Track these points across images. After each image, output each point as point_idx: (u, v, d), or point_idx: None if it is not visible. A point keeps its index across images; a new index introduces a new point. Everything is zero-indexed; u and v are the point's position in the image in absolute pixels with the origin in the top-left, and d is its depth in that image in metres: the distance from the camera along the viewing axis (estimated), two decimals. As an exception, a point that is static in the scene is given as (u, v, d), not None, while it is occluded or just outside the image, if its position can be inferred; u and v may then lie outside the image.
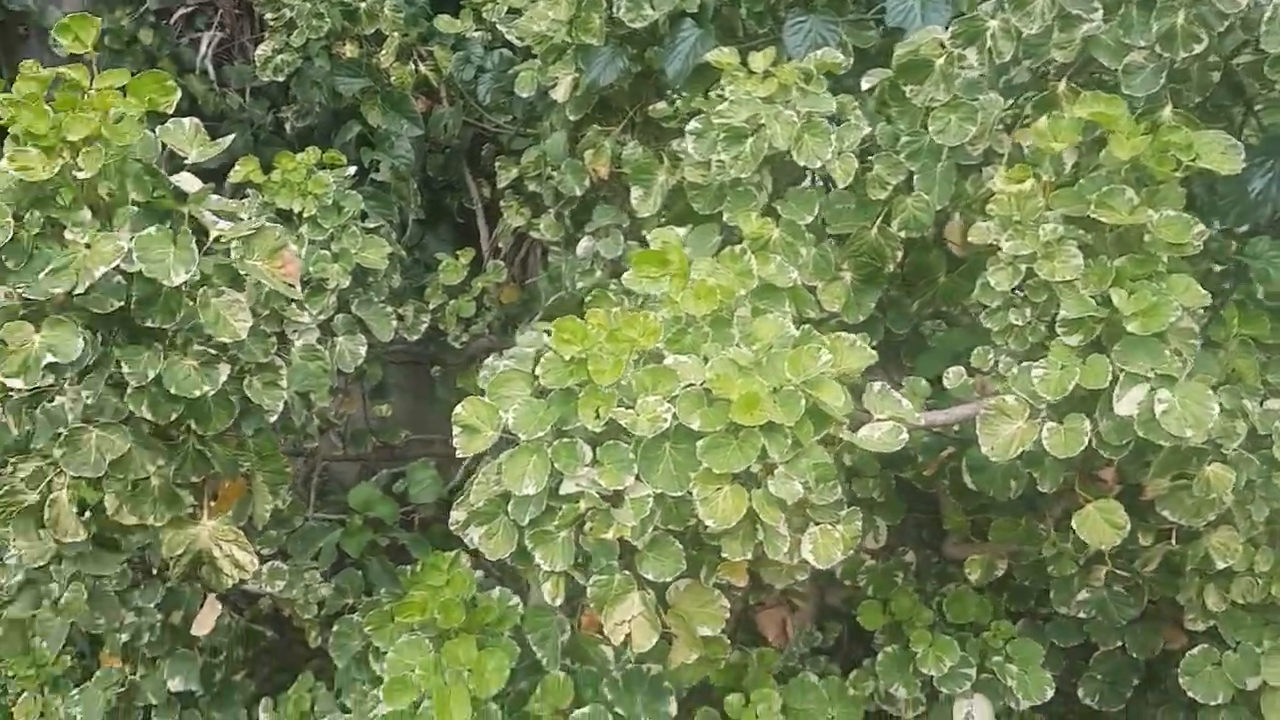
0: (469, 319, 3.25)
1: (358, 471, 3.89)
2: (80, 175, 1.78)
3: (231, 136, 2.06)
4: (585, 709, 2.01)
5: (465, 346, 3.55)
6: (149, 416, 1.91)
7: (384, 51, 3.38)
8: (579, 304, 3.09)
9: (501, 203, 3.25)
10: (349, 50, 3.44)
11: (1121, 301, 1.80)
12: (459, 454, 1.80)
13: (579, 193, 2.75)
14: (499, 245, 3.44)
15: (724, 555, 1.76)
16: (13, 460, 2.09)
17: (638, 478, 1.69)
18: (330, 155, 2.83)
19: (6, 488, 2.01)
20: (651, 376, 1.71)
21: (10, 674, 3.21)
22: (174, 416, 1.94)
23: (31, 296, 1.78)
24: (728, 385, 1.70)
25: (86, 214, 1.84)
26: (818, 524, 1.79)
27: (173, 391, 1.88)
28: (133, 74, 1.93)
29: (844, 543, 1.79)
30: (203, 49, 3.91)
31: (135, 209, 1.87)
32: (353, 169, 2.91)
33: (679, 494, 1.70)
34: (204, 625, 2.50)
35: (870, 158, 2.14)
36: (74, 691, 2.84)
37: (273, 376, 2.09)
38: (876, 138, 2.19)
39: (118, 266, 1.79)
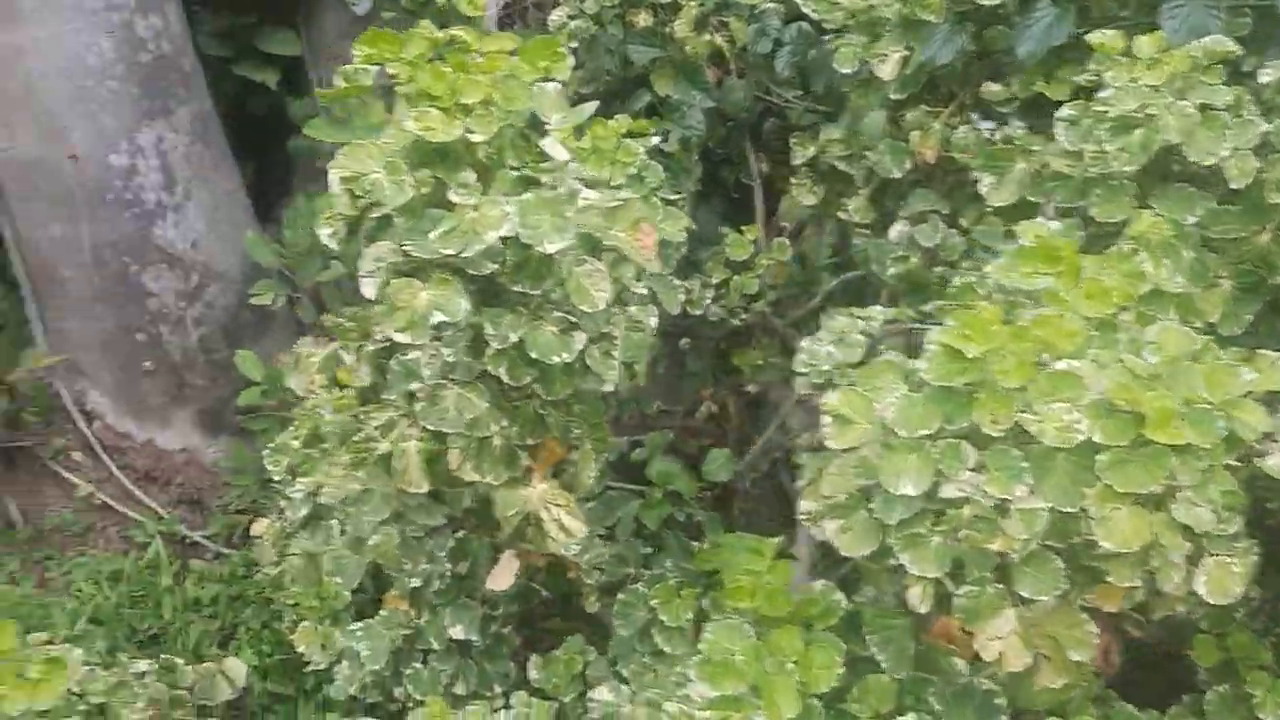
0: (751, 296, 3.20)
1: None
2: (474, 138, 1.81)
3: (595, 104, 2.06)
4: (909, 717, 1.94)
5: (721, 322, 3.51)
6: (506, 379, 1.94)
7: (679, 21, 3.35)
8: (873, 291, 3.00)
9: (793, 180, 3.17)
10: (642, 19, 3.42)
11: None
12: (830, 444, 1.74)
13: (898, 175, 2.64)
14: (782, 223, 3.38)
15: (1107, 579, 1.65)
16: (366, 409, 2.17)
17: (1030, 489, 1.60)
18: (639, 124, 2.81)
19: (363, 434, 2.08)
20: (1052, 382, 1.61)
21: (292, 603, 3.39)
22: (526, 380, 1.97)
23: (419, 255, 1.82)
24: (1134, 397, 1.58)
25: (471, 176, 1.87)
26: (1213, 555, 1.65)
27: (533, 356, 1.90)
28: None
29: (1242, 577, 1.64)
30: (490, 10, 3.97)
31: (512, 174, 1.89)
32: (656, 139, 2.88)
33: (1071, 509, 1.59)
34: (501, 580, 2.55)
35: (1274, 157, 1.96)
36: (356, 627, 2.96)
37: (609, 346, 2.09)
38: (1271, 136, 2.00)
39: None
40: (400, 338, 1.80)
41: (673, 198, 2.91)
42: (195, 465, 4.05)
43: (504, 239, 1.84)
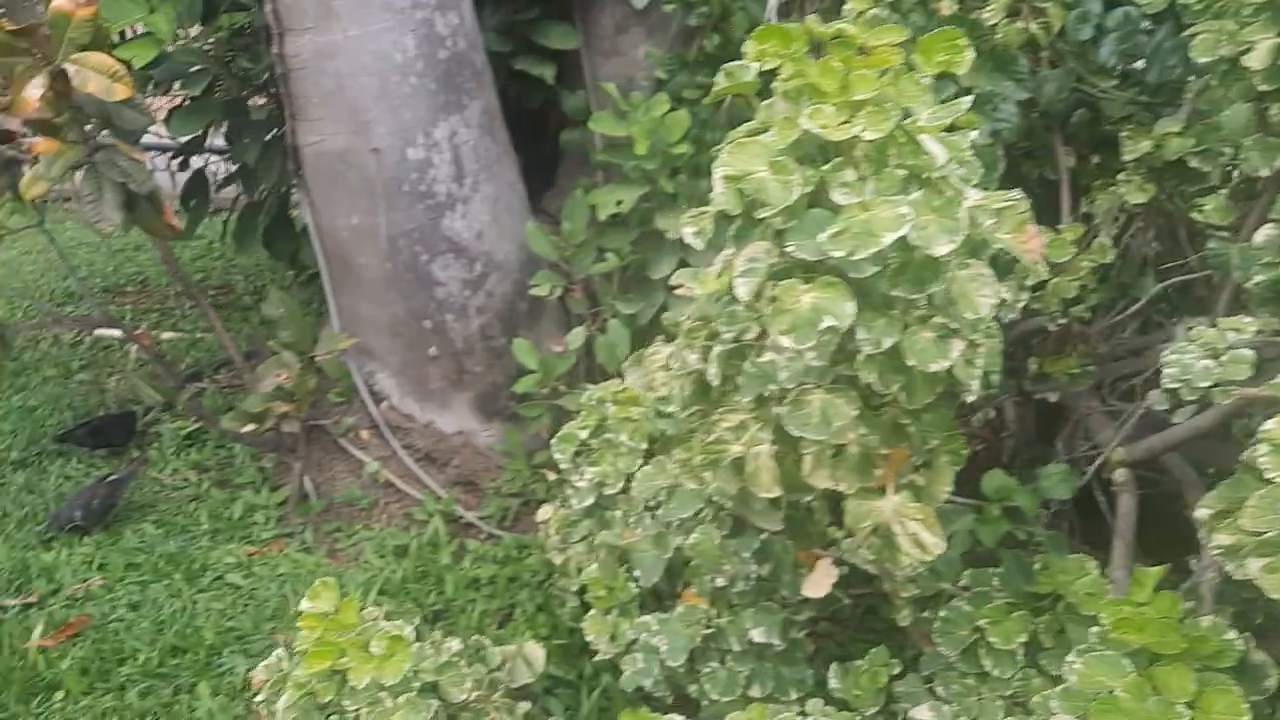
0: (1068, 300, 3.01)
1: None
2: (867, 136, 1.74)
3: (969, 98, 1.96)
4: (1316, 774, 1.76)
5: (1012, 325, 3.32)
6: (876, 385, 1.87)
7: (991, 7, 3.18)
8: (1203, 297, 2.78)
9: (1120, 176, 2.97)
10: (945, 6, 3.28)
11: None
12: (1271, 476, 1.58)
13: (1265, 173, 2.41)
14: (1098, 223, 3.17)
15: None
16: (718, 410, 2.15)
17: None
18: (966, 118, 2.67)
19: (715, 437, 2.06)
20: None
21: (575, 590, 3.46)
22: (894, 388, 1.89)
23: (802, 256, 1.77)
24: None
25: (851, 175, 1.81)
26: None
27: (910, 364, 1.82)
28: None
29: None
30: (770, 2, 3.92)
31: (898, 173, 1.81)
32: (974, 132, 2.74)
33: None
34: (818, 587, 2.49)
35: None
36: (650, 620, 2.97)
37: (973, 353, 1.98)
38: None
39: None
40: (785, 341, 1.75)
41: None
42: (470, 448, 4.19)
43: (885, 241, 1.77)
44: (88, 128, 3.50)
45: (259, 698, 2.50)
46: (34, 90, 3.20)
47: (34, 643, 3.44)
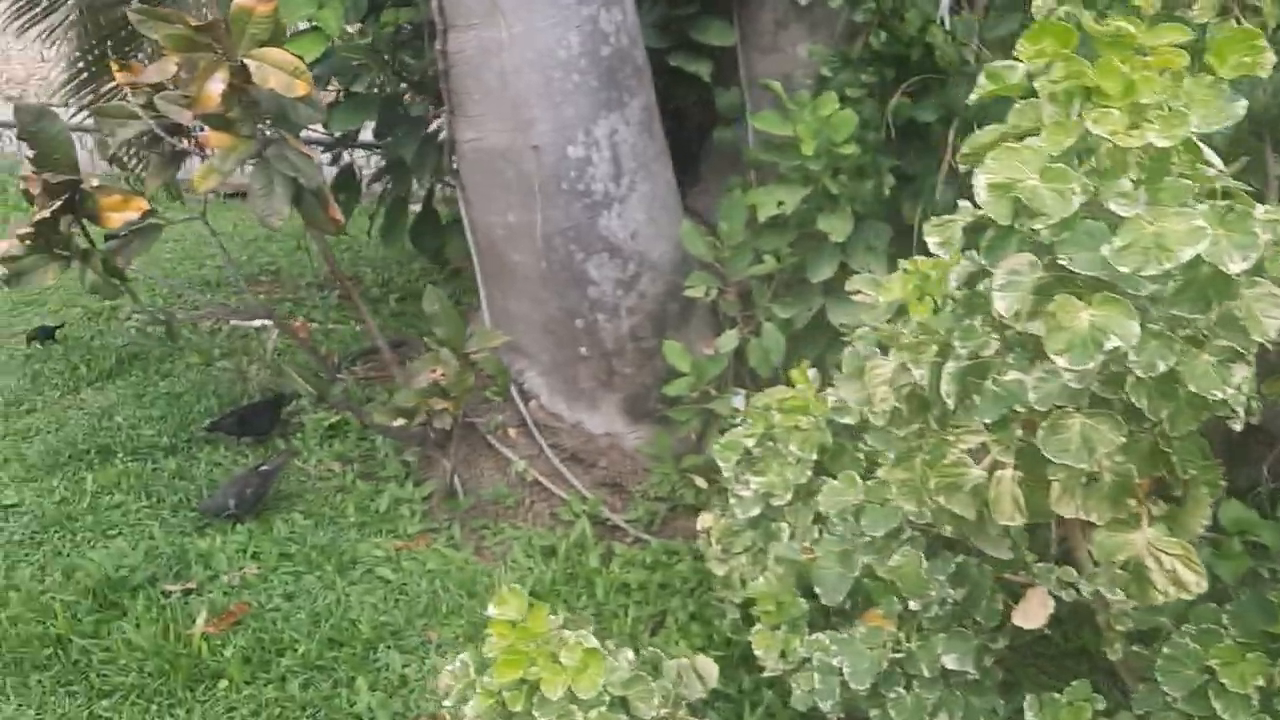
0: (1288, 317, 2.81)
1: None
2: (1160, 143, 1.61)
3: (1244, 103, 1.81)
4: None
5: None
6: (1146, 411, 1.74)
7: (1198, 6, 2.99)
8: None
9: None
10: (1148, 4, 3.10)
11: None
12: None
13: None
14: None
15: None
16: (954, 431, 2.04)
17: None
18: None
19: (953, 459, 1.95)
20: None
21: (735, 601, 3.37)
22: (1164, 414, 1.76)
23: (1077, 270, 1.65)
24: None
25: (1127, 184, 1.68)
26: None
27: (1192, 389, 1.69)
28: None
29: None
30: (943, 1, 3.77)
31: (1184, 183, 1.68)
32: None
33: None
34: (1032, 618, 2.35)
35: None
36: (820, 637, 2.86)
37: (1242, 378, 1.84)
38: None
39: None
40: (1060, 361, 1.64)
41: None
42: (617, 450, 4.13)
43: (1168, 256, 1.64)
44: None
45: (446, 702, 2.47)
46: (216, 85, 3.23)
47: (199, 630, 3.48)
